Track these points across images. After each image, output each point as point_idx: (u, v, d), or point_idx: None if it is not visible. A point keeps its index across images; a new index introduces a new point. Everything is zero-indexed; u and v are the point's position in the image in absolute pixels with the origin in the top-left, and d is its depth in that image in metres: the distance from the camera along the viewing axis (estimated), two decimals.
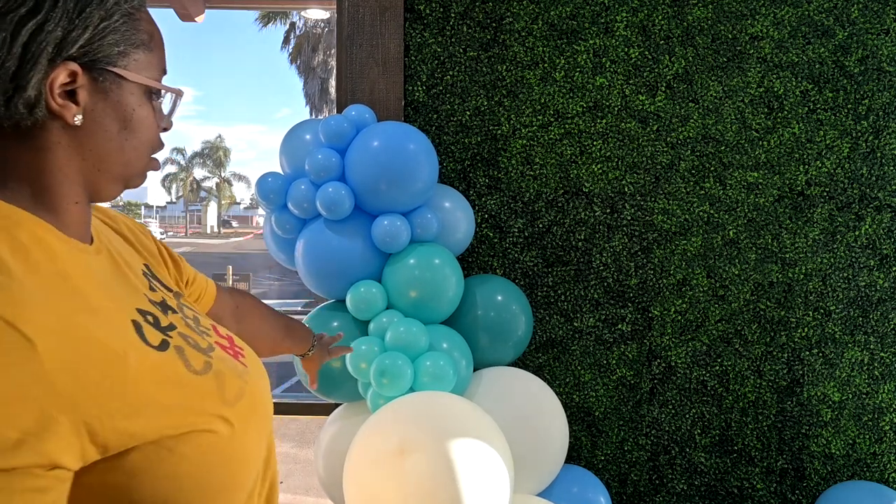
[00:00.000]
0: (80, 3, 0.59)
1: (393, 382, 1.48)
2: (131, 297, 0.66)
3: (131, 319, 0.62)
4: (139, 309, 0.65)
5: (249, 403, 0.68)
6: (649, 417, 2.00)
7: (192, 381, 0.62)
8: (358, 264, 1.61)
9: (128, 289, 0.67)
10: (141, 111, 0.66)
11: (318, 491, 3.93)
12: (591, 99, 1.98)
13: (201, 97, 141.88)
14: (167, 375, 0.60)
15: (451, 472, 1.25)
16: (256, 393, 0.71)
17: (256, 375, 0.74)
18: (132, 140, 0.66)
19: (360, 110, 1.66)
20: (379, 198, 1.58)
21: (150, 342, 0.61)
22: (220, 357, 0.69)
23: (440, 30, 1.99)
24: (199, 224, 53.19)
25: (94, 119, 0.62)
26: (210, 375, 0.65)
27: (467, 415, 1.40)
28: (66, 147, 0.62)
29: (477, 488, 1.27)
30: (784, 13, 1.96)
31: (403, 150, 1.57)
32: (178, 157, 50.72)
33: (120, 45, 0.63)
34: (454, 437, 1.30)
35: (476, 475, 1.27)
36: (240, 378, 0.69)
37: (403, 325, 1.54)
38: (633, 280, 1.99)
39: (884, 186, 1.96)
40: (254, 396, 0.70)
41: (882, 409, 1.97)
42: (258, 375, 0.75)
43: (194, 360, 0.65)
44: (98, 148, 0.64)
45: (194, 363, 0.64)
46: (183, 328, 0.69)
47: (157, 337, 0.63)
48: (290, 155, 1.70)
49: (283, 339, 1.19)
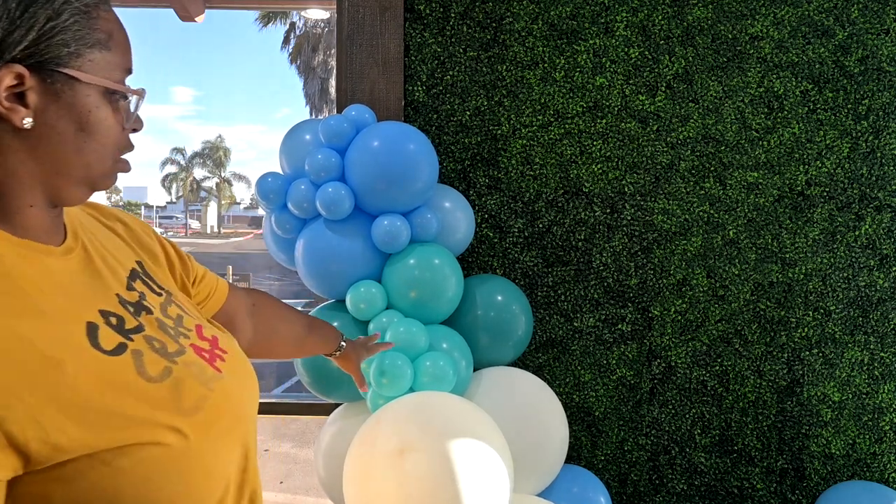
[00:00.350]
0: (24, 2, 0.57)
1: (393, 382, 1.48)
2: (97, 298, 0.65)
3: (87, 321, 0.61)
4: (103, 310, 0.64)
5: (213, 413, 0.65)
6: (649, 417, 2.00)
7: (141, 388, 0.60)
8: (358, 264, 1.61)
9: (95, 289, 0.66)
10: (99, 113, 0.63)
11: (318, 491, 3.93)
12: (591, 99, 1.98)
13: (201, 97, 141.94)
14: (112, 382, 0.58)
15: (451, 472, 1.25)
16: (226, 401, 0.68)
17: (232, 382, 0.71)
18: (91, 142, 0.63)
19: (359, 110, 1.66)
20: (379, 198, 1.58)
21: (102, 346, 0.60)
22: (188, 362, 0.67)
23: (440, 30, 1.99)
24: (199, 224, 53.22)
25: (47, 122, 0.60)
26: (166, 383, 0.62)
27: (467, 415, 1.40)
28: (18, 151, 0.60)
29: (477, 488, 1.27)
30: (784, 13, 1.96)
31: (403, 150, 1.57)
32: (178, 157, 50.74)
33: (71, 44, 0.60)
34: (454, 437, 1.30)
35: (476, 475, 1.27)
36: (204, 385, 0.66)
37: (403, 325, 1.54)
38: (633, 280, 1.99)
39: (884, 186, 1.96)
40: (219, 405, 0.66)
41: (882, 409, 1.97)
42: (235, 382, 0.72)
43: (151, 366, 0.62)
44: (53, 151, 0.62)
45: (150, 369, 0.62)
46: (153, 330, 0.67)
47: (113, 340, 0.61)
48: (290, 155, 1.70)
49: (305, 338, 1.18)
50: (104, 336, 0.61)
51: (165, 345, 0.66)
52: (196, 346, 0.71)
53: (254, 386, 0.77)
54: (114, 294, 0.67)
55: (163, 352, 0.65)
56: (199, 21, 2.61)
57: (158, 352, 0.65)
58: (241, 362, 0.77)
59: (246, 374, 0.76)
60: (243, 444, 0.71)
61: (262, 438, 4.98)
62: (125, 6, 2.59)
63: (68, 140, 0.62)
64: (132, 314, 0.67)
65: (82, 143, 0.63)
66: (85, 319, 0.61)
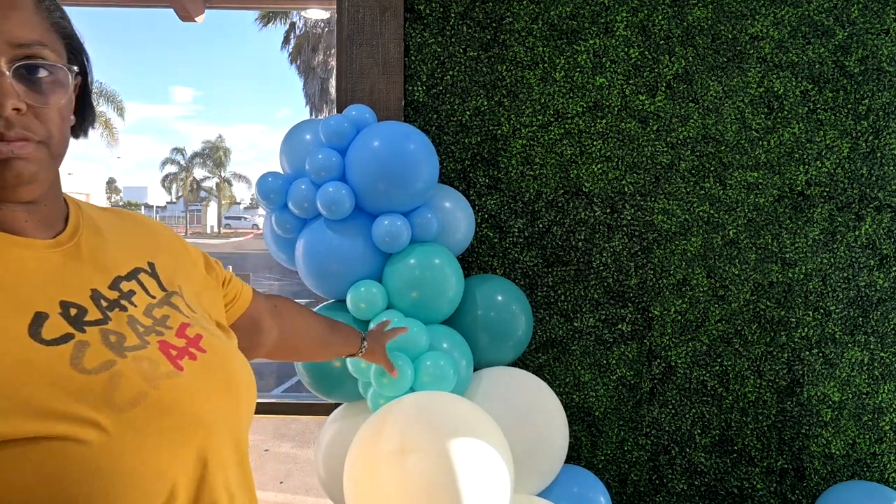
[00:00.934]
0: None
1: (393, 382, 1.48)
2: (64, 290, 0.64)
3: (37, 311, 0.61)
4: (64, 301, 0.63)
5: (153, 410, 0.61)
6: (649, 417, 2.00)
7: (69, 379, 0.58)
8: (358, 264, 1.61)
9: (66, 282, 0.65)
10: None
11: (318, 491, 3.93)
12: (591, 99, 1.98)
13: (201, 97, 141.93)
14: (38, 371, 0.57)
15: (451, 471, 1.25)
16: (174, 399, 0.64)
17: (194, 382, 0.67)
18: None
19: (360, 110, 1.66)
20: (379, 197, 1.58)
21: (42, 335, 0.59)
22: (140, 357, 0.64)
23: (440, 30, 1.99)
24: (199, 224, 53.22)
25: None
26: (102, 376, 0.60)
27: (467, 415, 1.40)
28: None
29: (477, 488, 1.27)
30: (784, 13, 1.96)
31: (404, 150, 1.57)
32: (178, 157, 50.73)
33: None
34: (454, 437, 1.30)
35: (476, 475, 1.27)
36: (147, 382, 0.62)
37: (403, 324, 1.54)
38: (633, 280, 1.99)
39: (884, 186, 1.96)
40: (162, 403, 0.62)
41: (882, 409, 1.97)
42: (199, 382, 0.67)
43: (92, 358, 0.60)
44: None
45: (89, 361, 0.60)
46: (119, 325, 0.66)
47: (59, 330, 0.60)
48: (291, 155, 1.70)
49: (328, 338, 1.21)
50: (50, 326, 0.60)
51: (124, 339, 0.65)
52: (165, 342, 0.68)
53: (227, 389, 0.71)
54: (88, 288, 0.67)
55: (115, 345, 0.63)
56: (199, 21, 2.61)
57: (110, 345, 0.63)
58: (221, 363, 0.72)
59: (221, 376, 0.71)
60: (198, 451, 0.65)
61: (262, 438, 4.98)
62: (125, 6, 2.59)
63: None
64: (100, 308, 0.66)
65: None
66: (35, 309, 0.61)
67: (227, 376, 0.72)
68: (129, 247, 0.76)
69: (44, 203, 0.68)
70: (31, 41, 0.63)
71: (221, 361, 0.72)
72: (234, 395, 0.72)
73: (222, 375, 0.71)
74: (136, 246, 0.77)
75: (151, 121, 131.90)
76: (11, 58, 0.62)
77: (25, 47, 0.63)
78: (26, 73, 0.62)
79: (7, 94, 0.60)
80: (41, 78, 0.64)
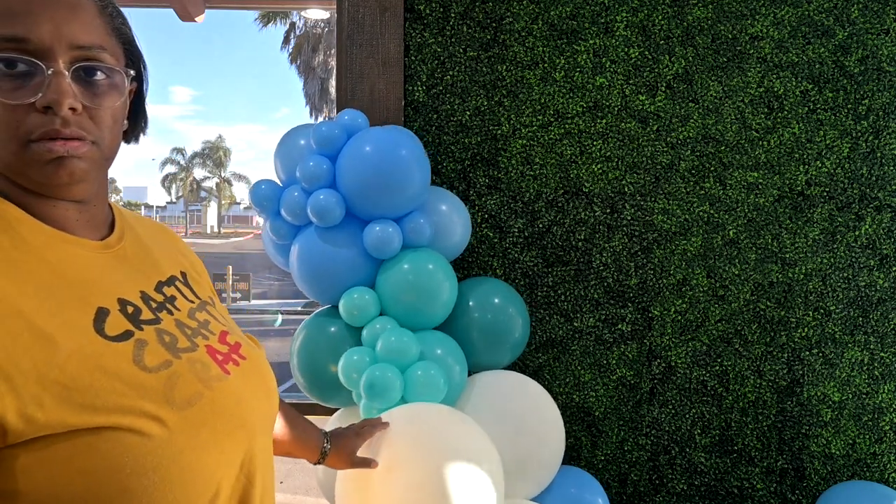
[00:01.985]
0: None
1: (382, 394, 1.47)
2: (120, 288, 0.67)
3: (99, 307, 0.63)
4: (122, 299, 0.66)
5: (207, 410, 0.64)
6: (649, 417, 2.00)
7: (133, 375, 0.60)
8: (350, 271, 1.60)
9: (121, 282, 0.68)
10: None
11: (317, 491, 3.93)
12: (591, 99, 1.98)
13: (200, 97, 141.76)
14: (104, 366, 0.59)
15: (439, 487, 1.24)
16: (225, 401, 0.67)
17: (240, 385, 0.70)
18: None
19: (352, 115, 1.64)
20: (370, 204, 1.57)
21: (105, 331, 0.61)
22: (193, 359, 0.67)
23: (440, 30, 1.99)
24: (199, 224, 53.19)
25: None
26: (162, 374, 0.62)
27: (456, 428, 1.37)
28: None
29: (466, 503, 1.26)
30: (784, 13, 1.95)
31: (394, 156, 1.55)
32: (178, 157, 50.71)
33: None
34: (442, 453, 1.28)
35: (463, 491, 1.26)
36: (202, 383, 0.65)
37: (394, 334, 1.53)
38: (633, 280, 1.99)
39: (884, 186, 1.96)
40: (216, 404, 0.65)
41: (882, 409, 1.97)
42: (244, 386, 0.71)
43: (151, 356, 0.63)
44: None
45: (149, 359, 0.62)
46: (169, 326, 0.68)
47: (119, 327, 0.63)
48: (284, 161, 1.69)
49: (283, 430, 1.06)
50: (112, 322, 0.62)
51: (177, 340, 0.67)
52: (211, 347, 0.71)
53: (267, 395, 0.75)
54: (139, 290, 0.69)
55: (170, 346, 0.66)
56: (199, 21, 2.61)
57: (166, 345, 0.65)
58: (259, 371, 0.76)
59: (260, 382, 0.75)
60: (245, 453, 0.68)
61: None
62: (125, 6, 2.58)
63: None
64: (151, 309, 0.68)
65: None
66: (97, 305, 0.63)
67: (265, 383, 0.76)
68: (164, 255, 0.79)
69: (93, 204, 0.70)
70: (92, 44, 0.65)
71: (259, 369, 0.76)
72: (271, 401, 0.76)
73: (260, 382, 0.75)
74: (169, 255, 0.80)
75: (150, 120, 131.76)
76: (71, 59, 0.63)
77: (86, 49, 0.64)
78: (84, 74, 0.64)
79: (65, 93, 0.62)
80: (98, 80, 0.65)
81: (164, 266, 0.77)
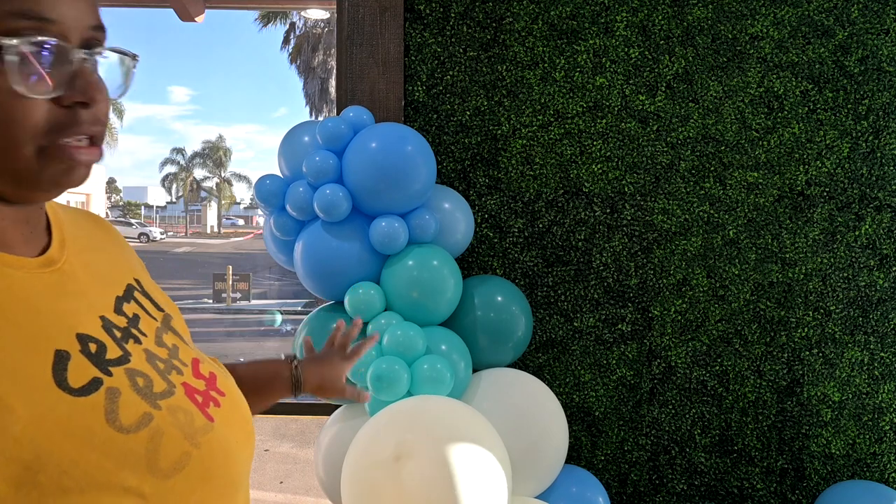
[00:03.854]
0: None
1: (389, 387, 1.48)
2: (76, 320, 0.53)
3: (56, 350, 0.50)
4: (81, 335, 0.52)
5: (197, 475, 0.53)
6: (649, 417, 2.00)
7: (108, 440, 0.48)
8: (356, 266, 1.61)
9: (75, 310, 0.54)
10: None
11: (317, 491, 3.93)
12: (591, 99, 1.98)
13: (198, 96, 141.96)
14: (72, 431, 0.47)
15: (447, 477, 1.25)
16: (214, 460, 0.56)
17: (227, 434, 0.59)
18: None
19: (357, 112, 1.66)
20: (376, 199, 1.58)
21: (69, 383, 0.49)
22: (174, 407, 0.55)
23: (440, 30, 1.99)
24: (199, 224, 53.22)
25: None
26: (142, 434, 0.50)
27: (463, 419, 1.39)
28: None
29: (474, 493, 1.27)
30: (784, 13, 1.95)
31: (400, 152, 1.57)
32: (178, 157, 50.72)
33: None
34: (450, 443, 1.29)
35: (473, 480, 1.27)
36: (188, 440, 0.54)
37: (401, 328, 1.54)
38: (633, 280, 1.99)
39: (884, 186, 1.96)
40: (205, 466, 0.54)
41: (882, 409, 1.97)
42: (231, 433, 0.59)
43: (127, 411, 0.51)
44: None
45: (125, 415, 0.50)
46: (139, 363, 0.56)
47: (85, 374, 0.50)
48: (289, 157, 1.70)
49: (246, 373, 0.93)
50: (75, 369, 0.50)
51: (151, 382, 0.55)
52: (189, 385, 0.58)
53: (248, 439, 0.64)
54: (97, 316, 0.56)
55: (146, 391, 0.53)
56: (199, 21, 2.61)
57: (141, 391, 0.53)
58: (238, 407, 0.64)
59: (242, 423, 0.63)
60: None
61: (262, 438, 4.98)
62: (125, 6, 2.59)
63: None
64: (117, 341, 0.55)
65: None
66: (54, 347, 0.50)
67: (245, 422, 0.65)
68: (114, 259, 0.65)
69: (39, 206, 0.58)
70: (100, 24, 0.54)
71: (238, 405, 0.65)
72: (251, 443, 0.65)
73: (241, 421, 0.64)
74: (119, 258, 0.66)
75: (149, 120, 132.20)
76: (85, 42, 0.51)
77: (97, 30, 0.53)
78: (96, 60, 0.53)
79: (99, 87, 0.50)
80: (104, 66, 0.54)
81: (117, 273, 0.63)
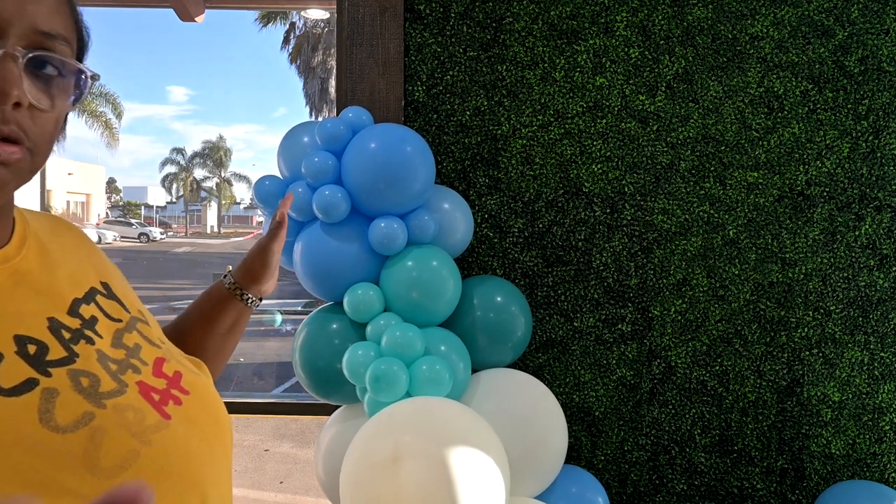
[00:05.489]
0: None
1: (388, 388, 1.48)
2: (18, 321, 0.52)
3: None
4: (20, 336, 0.51)
5: (149, 472, 0.51)
6: (649, 417, 2.00)
7: (41, 440, 0.46)
8: (355, 267, 1.61)
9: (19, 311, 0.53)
10: None
11: (317, 491, 3.93)
12: (591, 99, 1.98)
13: (196, 96, 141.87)
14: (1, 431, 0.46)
15: (445, 478, 1.25)
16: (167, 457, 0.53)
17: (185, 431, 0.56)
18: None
19: (356, 112, 1.66)
20: (375, 200, 1.58)
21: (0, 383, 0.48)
22: (122, 406, 0.53)
23: (440, 30, 1.99)
24: (199, 224, 53.19)
25: None
26: (80, 433, 0.48)
27: (462, 420, 1.39)
28: None
29: (471, 495, 1.27)
30: (784, 13, 1.95)
31: (400, 152, 1.57)
32: (178, 157, 50.69)
33: None
34: (448, 444, 1.29)
35: (471, 481, 1.27)
36: (136, 437, 0.52)
37: (399, 329, 1.54)
38: (633, 280, 1.99)
39: (884, 186, 1.96)
40: (156, 464, 0.52)
41: (882, 409, 1.97)
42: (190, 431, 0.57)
43: (64, 411, 0.49)
44: None
45: (61, 415, 0.48)
46: (87, 363, 0.54)
47: (18, 375, 0.49)
48: (288, 157, 1.70)
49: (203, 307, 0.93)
50: (7, 369, 0.48)
51: (98, 382, 0.53)
52: (145, 384, 0.57)
53: (220, 437, 0.61)
54: (45, 317, 0.55)
55: (90, 391, 0.52)
56: (198, 21, 2.61)
57: (84, 391, 0.52)
58: (206, 405, 0.62)
59: (210, 421, 0.61)
60: None
61: (261, 438, 4.98)
62: (125, 6, 2.59)
63: None
64: (63, 342, 0.54)
65: None
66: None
67: (215, 421, 0.62)
68: (79, 262, 0.64)
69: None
70: (56, 33, 0.53)
71: (206, 403, 0.62)
72: (223, 442, 0.62)
73: (209, 420, 0.61)
74: (85, 261, 0.65)
75: (147, 119, 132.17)
76: (30, 44, 0.51)
77: (47, 37, 0.52)
78: (38, 66, 0.52)
79: (13, 82, 0.49)
80: (52, 77, 0.53)
81: (81, 276, 0.62)
